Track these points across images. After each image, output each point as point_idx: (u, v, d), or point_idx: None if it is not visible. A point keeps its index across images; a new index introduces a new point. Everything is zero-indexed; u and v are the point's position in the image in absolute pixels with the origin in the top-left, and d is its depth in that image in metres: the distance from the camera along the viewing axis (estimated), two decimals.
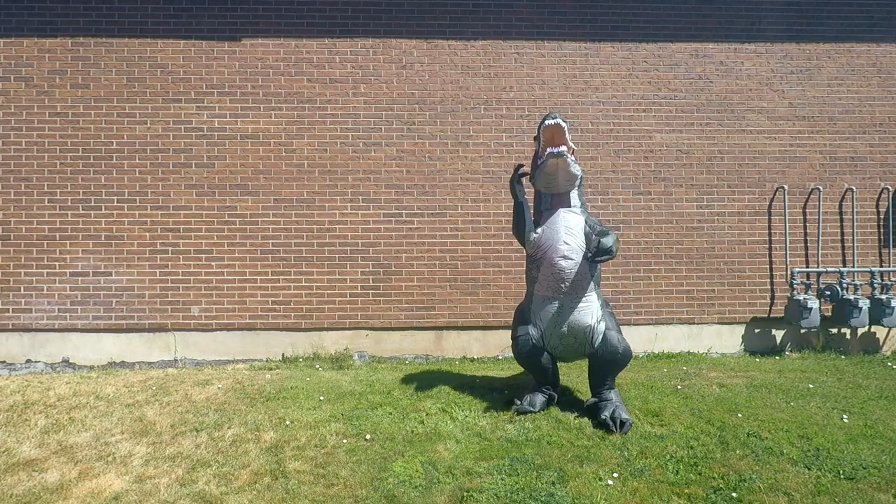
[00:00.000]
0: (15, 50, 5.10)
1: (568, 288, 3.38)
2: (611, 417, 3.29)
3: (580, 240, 3.41)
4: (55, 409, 3.78)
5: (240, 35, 5.22)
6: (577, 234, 3.42)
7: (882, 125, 5.48)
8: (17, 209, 5.07)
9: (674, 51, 5.41)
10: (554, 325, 3.46)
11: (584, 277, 3.40)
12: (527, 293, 3.69)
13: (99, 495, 2.70)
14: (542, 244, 3.45)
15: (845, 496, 2.59)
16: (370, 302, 5.22)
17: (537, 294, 3.53)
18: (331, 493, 2.68)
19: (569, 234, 3.40)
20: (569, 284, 3.37)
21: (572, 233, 3.41)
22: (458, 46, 5.32)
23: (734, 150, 5.42)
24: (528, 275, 3.62)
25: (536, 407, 3.51)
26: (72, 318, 5.05)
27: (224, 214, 5.17)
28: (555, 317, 3.45)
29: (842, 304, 5.21)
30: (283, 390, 4.06)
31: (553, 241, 3.40)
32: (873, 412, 3.58)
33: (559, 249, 3.37)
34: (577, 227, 3.44)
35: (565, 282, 3.37)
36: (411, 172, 5.27)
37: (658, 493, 2.63)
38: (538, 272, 3.48)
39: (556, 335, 3.48)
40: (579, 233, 3.42)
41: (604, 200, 5.34)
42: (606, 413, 3.32)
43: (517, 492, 2.64)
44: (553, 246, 3.39)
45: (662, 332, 5.33)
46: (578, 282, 3.38)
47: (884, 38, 5.50)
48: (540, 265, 3.46)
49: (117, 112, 5.14)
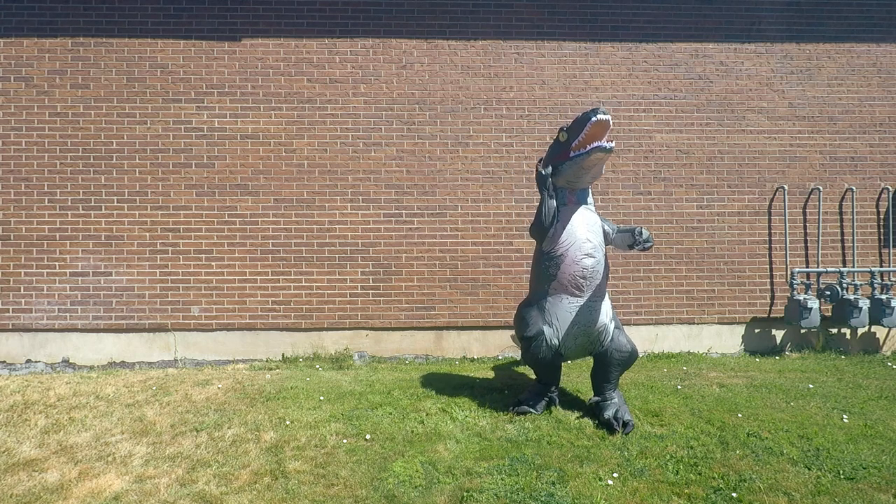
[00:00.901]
0: (15, 50, 5.10)
1: (589, 286, 3.34)
2: (614, 417, 3.29)
3: (600, 237, 3.40)
4: (55, 409, 3.78)
5: (240, 35, 5.22)
6: (598, 231, 3.41)
7: (882, 125, 5.48)
8: (17, 209, 5.07)
9: (674, 51, 5.41)
10: (573, 324, 3.38)
11: (605, 276, 3.42)
12: (537, 292, 3.55)
13: (99, 495, 2.70)
14: (564, 241, 3.36)
15: (845, 496, 2.59)
16: (370, 302, 5.22)
17: (554, 293, 3.42)
18: (331, 493, 2.68)
19: (590, 231, 3.37)
20: (591, 282, 3.34)
21: (593, 230, 3.38)
22: (458, 46, 5.32)
23: (734, 150, 5.42)
24: (543, 273, 3.47)
25: (540, 409, 3.50)
26: (72, 318, 5.05)
27: (224, 214, 5.17)
28: (574, 316, 3.37)
29: (842, 304, 5.21)
30: (283, 390, 4.06)
31: (575, 239, 3.34)
32: (873, 412, 3.58)
33: (583, 247, 3.31)
34: (595, 224, 3.42)
35: (588, 280, 3.32)
36: (411, 172, 5.27)
37: (658, 493, 2.63)
38: (557, 270, 3.37)
39: (573, 335, 3.41)
40: (599, 231, 3.42)
41: (604, 200, 5.34)
42: (610, 412, 3.32)
43: (517, 492, 2.64)
44: (576, 243, 3.32)
45: (662, 332, 5.33)
46: (601, 280, 3.38)
47: (884, 38, 5.50)
48: (560, 263, 3.36)
49: (117, 112, 5.14)
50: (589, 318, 3.38)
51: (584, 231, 3.35)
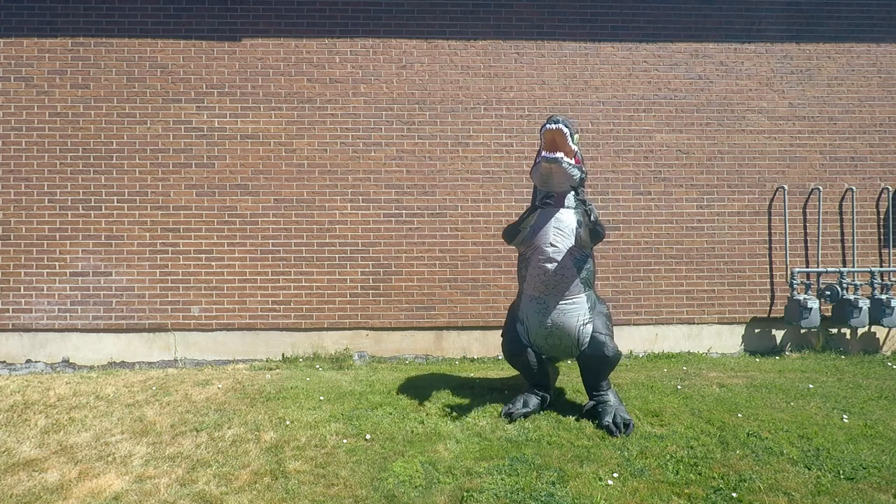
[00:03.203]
0: (15, 50, 5.10)
1: (553, 288, 3.38)
2: (613, 423, 3.27)
3: (570, 241, 3.38)
4: (55, 409, 3.78)
5: (240, 35, 5.22)
6: (568, 234, 3.39)
7: (882, 125, 5.48)
8: (17, 209, 5.07)
9: (674, 51, 5.41)
10: (538, 324, 3.45)
11: (570, 278, 3.37)
12: (518, 292, 3.70)
13: (99, 495, 2.70)
14: (532, 244, 3.45)
15: (845, 496, 2.59)
16: (370, 302, 5.22)
17: (525, 292, 3.55)
18: (331, 493, 2.68)
19: (557, 234, 3.38)
20: (553, 285, 3.37)
21: (561, 234, 3.39)
22: (458, 46, 5.32)
23: (734, 150, 5.42)
24: (518, 274, 3.63)
25: (530, 408, 3.50)
26: (72, 318, 5.05)
27: (224, 214, 5.17)
28: (539, 316, 3.44)
29: (842, 304, 5.21)
30: (283, 390, 4.06)
31: (540, 242, 3.40)
32: (873, 412, 3.58)
33: (545, 251, 3.37)
34: (567, 227, 3.40)
35: (549, 282, 3.37)
36: (411, 172, 5.27)
37: (658, 493, 2.63)
38: (526, 271, 3.49)
39: (542, 334, 3.47)
40: (570, 233, 3.39)
41: (604, 200, 5.34)
42: (608, 419, 3.31)
43: (517, 492, 2.64)
44: (539, 247, 3.39)
45: (662, 332, 5.33)
46: (563, 283, 3.37)
47: (884, 38, 5.50)
48: (528, 265, 3.47)
49: (117, 112, 5.14)
50: (558, 319, 3.40)
51: (551, 235, 3.39)
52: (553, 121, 3.25)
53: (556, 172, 3.32)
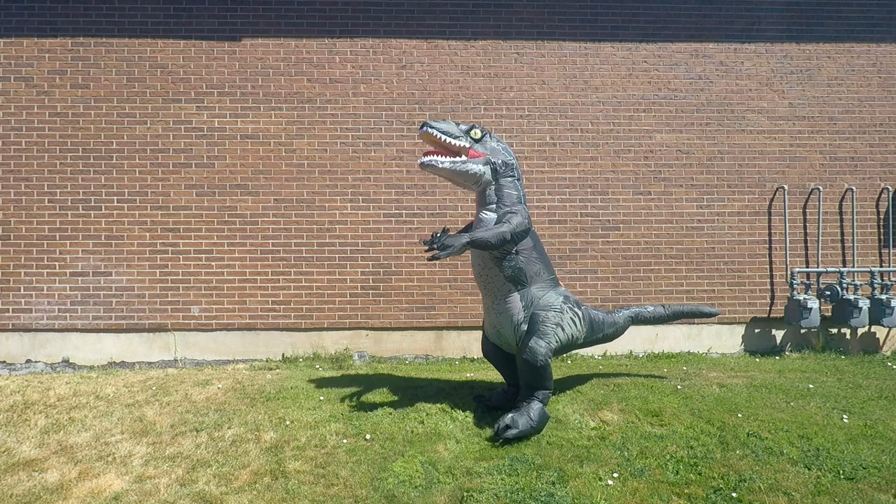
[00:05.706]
0: (15, 50, 5.10)
1: (485, 288, 3.42)
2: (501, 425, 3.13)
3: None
4: (55, 409, 3.78)
5: (240, 35, 5.22)
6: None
7: (882, 125, 5.48)
8: (17, 209, 5.07)
9: (674, 51, 5.41)
10: (489, 323, 3.54)
11: (494, 278, 3.32)
12: None
13: (99, 495, 2.70)
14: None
15: (845, 496, 2.59)
16: (370, 302, 5.22)
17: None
18: (331, 493, 2.69)
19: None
20: (483, 285, 3.41)
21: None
22: (458, 46, 5.32)
23: (734, 150, 5.42)
24: None
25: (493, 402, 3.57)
26: (72, 318, 5.06)
27: (224, 214, 5.17)
28: (487, 315, 3.53)
29: (842, 304, 5.21)
30: (283, 390, 4.05)
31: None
32: (873, 412, 3.58)
33: (472, 253, 3.41)
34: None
35: (480, 283, 3.43)
36: (411, 172, 5.27)
37: (658, 493, 2.63)
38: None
39: (493, 333, 3.54)
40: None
41: (604, 200, 5.34)
42: (502, 422, 3.15)
43: (517, 492, 2.64)
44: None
45: (662, 332, 5.33)
46: (490, 283, 3.36)
47: (884, 38, 5.50)
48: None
49: (117, 112, 5.14)
50: (496, 319, 3.43)
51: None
52: (420, 127, 3.19)
53: (443, 175, 3.28)
